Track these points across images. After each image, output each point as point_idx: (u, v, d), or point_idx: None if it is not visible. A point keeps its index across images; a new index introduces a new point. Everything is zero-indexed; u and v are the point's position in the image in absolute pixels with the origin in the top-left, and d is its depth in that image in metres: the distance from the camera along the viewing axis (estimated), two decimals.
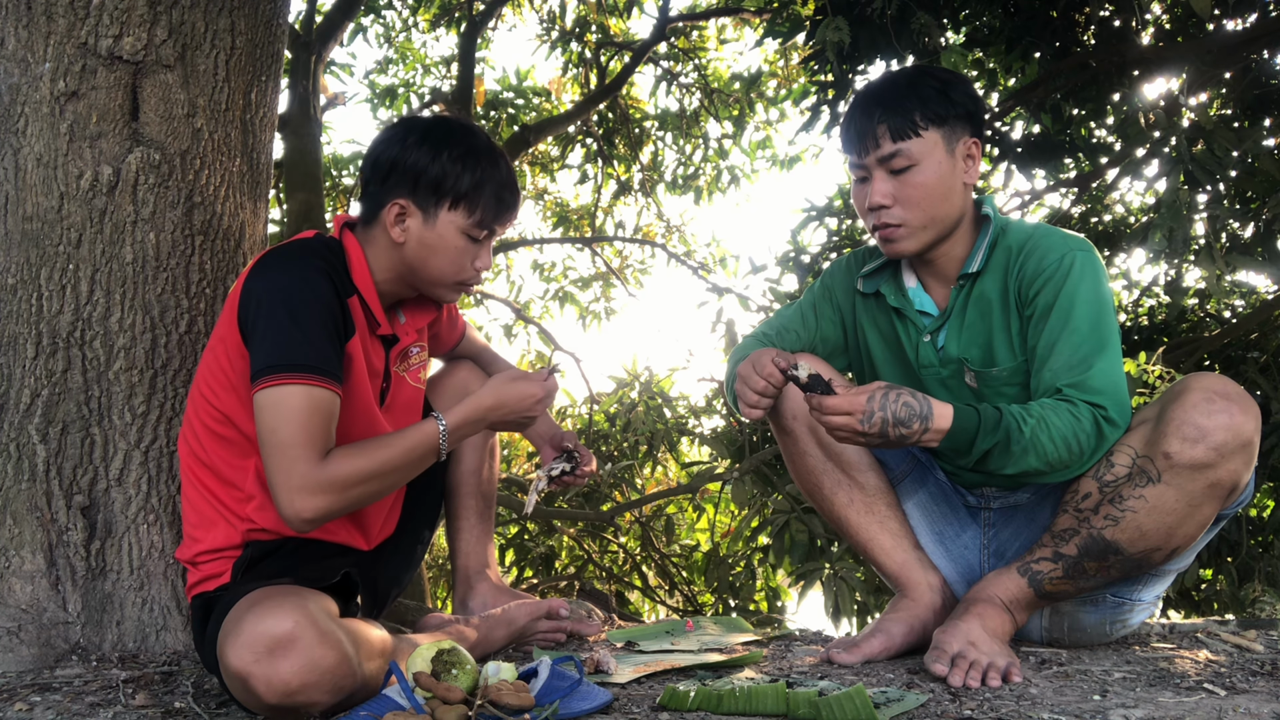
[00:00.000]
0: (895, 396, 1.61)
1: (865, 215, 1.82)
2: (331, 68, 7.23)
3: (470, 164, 1.71)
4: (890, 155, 1.74)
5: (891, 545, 1.90)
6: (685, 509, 6.73)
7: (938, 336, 1.86)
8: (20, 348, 1.88)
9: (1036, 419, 1.62)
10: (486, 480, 2.11)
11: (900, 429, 1.61)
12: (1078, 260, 1.72)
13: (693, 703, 1.46)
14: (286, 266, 1.63)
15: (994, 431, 1.61)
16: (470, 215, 1.72)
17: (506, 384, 1.70)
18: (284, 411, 1.52)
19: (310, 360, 1.55)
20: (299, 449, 1.51)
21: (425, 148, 1.70)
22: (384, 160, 1.72)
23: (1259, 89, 3.82)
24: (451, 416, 1.65)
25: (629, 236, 8.52)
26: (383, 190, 1.72)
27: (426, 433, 1.62)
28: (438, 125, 1.75)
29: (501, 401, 1.69)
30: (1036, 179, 4.52)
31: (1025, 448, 1.62)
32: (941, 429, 1.62)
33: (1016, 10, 4.00)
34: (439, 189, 1.70)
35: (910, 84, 1.77)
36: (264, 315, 1.57)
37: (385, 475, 1.59)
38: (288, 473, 1.51)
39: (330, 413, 1.56)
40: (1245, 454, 1.59)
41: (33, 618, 1.79)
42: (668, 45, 7.39)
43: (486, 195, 1.72)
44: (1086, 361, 1.67)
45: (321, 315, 1.59)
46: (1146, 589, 1.79)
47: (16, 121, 1.91)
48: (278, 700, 1.37)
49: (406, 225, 1.72)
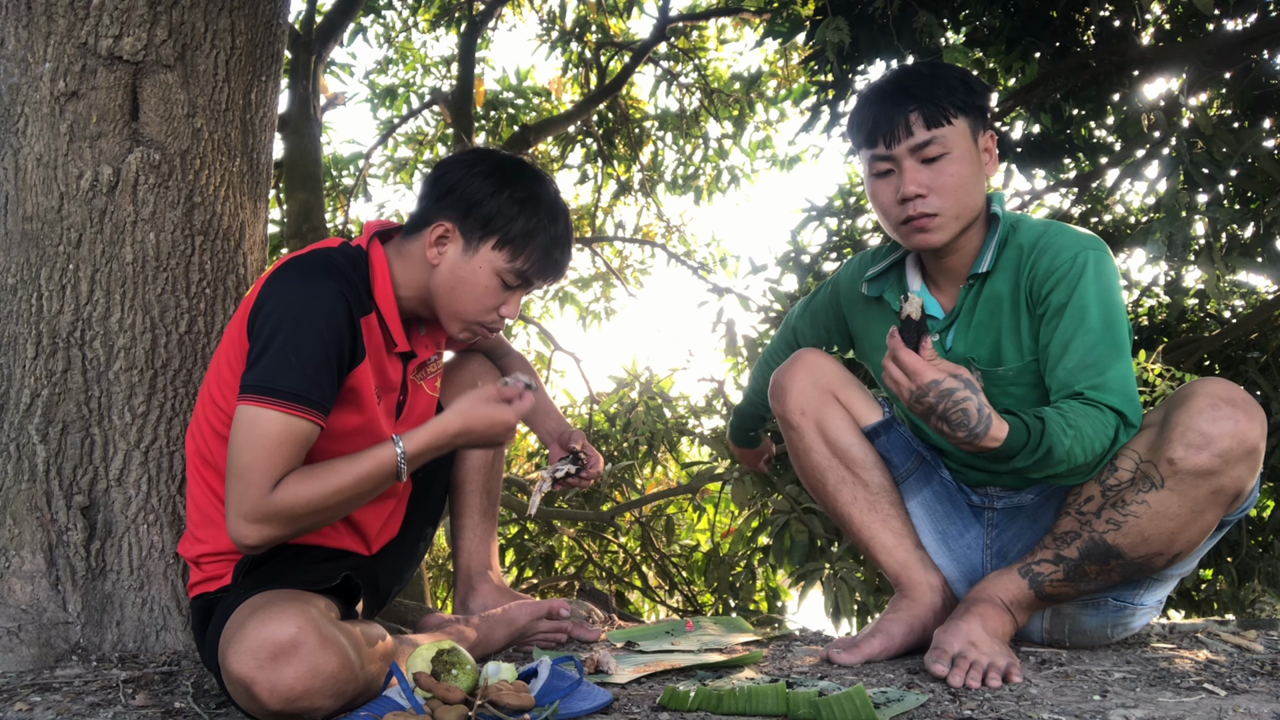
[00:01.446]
0: (961, 399, 1.53)
1: (891, 208, 1.77)
2: (331, 68, 7.23)
3: (529, 210, 1.68)
4: (925, 143, 1.72)
5: (893, 544, 1.90)
6: (685, 509, 6.73)
7: (945, 337, 1.85)
8: (20, 348, 1.88)
9: (1075, 432, 1.59)
10: (492, 478, 2.10)
11: (943, 424, 1.56)
12: (1091, 259, 1.70)
13: (693, 703, 1.46)
14: (303, 282, 1.58)
15: (1036, 452, 1.58)
16: (512, 260, 1.69)
17: (475, 407, 1.61)
18: (256, 435, 1.50)
19: (298, 388, 1.52)
20: (258, 475, 1.49)
21: (490, 180, 1.68)
22: (446, 180, 1.70)
23: (1259, 89, 3.82)
24: (412, 441, 1.57)
25: (629, 236, 8.53)
26: (434, 208, 1.70)
27: (382, 459, 1.55)
28: (510, 164, 1.72)
29: (469, 427, 1.61)
30: (1036, 179, 4.52)
31: (1060, 459, 1.60)
32: (986, 448, 1.58)
33: (1016, 10, 4.00)
34: (488, 224, 1.67)
35: (934, 74, 1.75)
36: (269, 330, 1.55)
37: (336, 504, 1.54)
38: (240, 496, 1.50)
39: (305, 442, 1.54)
40: (1250, 461, 1.58)
41: (33, 618, 1.79)
42: (668, 45, 7.39)
43: (535, 246, 1.69)
44: (1103, 363, 1.65)
45: (325, 340, 1.55)
46: (1148, 593, 1.79)
47: (16, 121, 1.91)
48: (281, 706, 1.37)
49: (445, 250, 1.69)
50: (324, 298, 1.57)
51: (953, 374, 1.55)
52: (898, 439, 1.96)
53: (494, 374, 2.08)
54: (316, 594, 1.54)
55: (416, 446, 1.58)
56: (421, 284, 1.72)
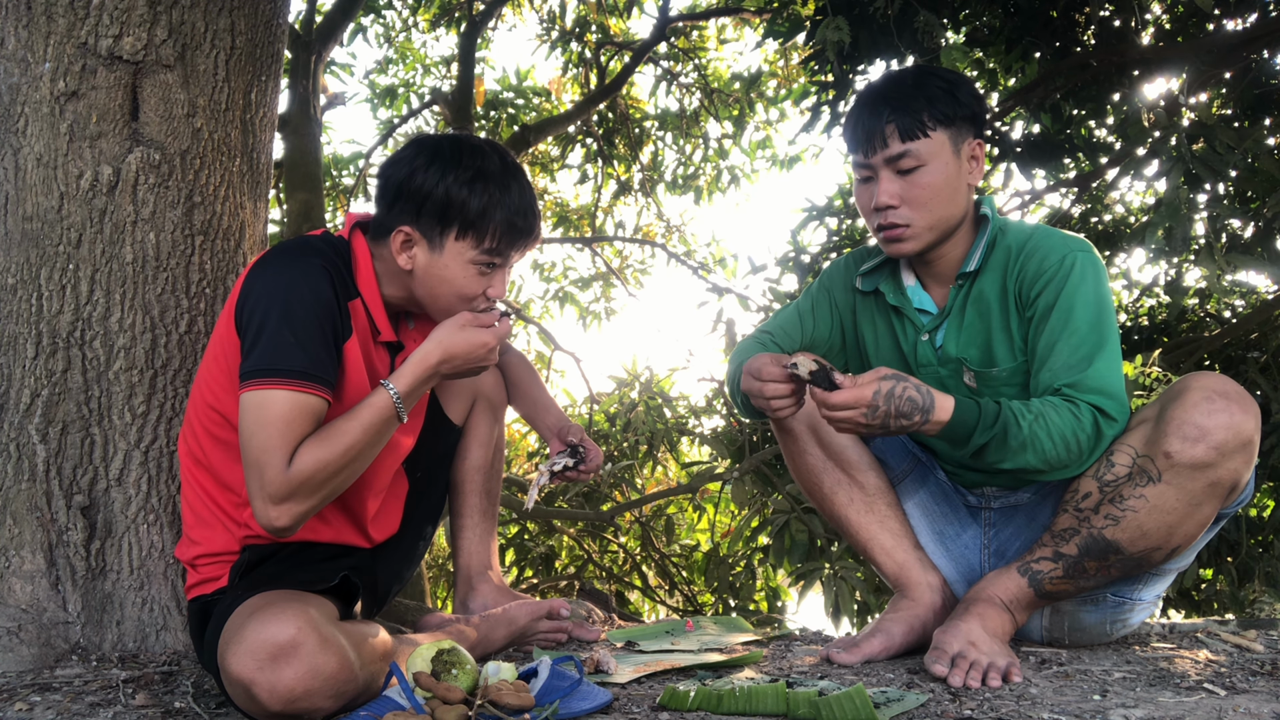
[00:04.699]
0: (901, 390, 1.61)
1: (869, 215, 1.81)
2: (331, 68, 7.23)
3: (478, 189, 1.61)
4: (899, 155, 1.74)
5: (892, 545, 1.90)
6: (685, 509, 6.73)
7: (936, 335, 1.86)
8: (20, 348, 1.88)
9: (1035, 415, 1.63)
10: (492, 478, 2.10)
11: (901, 420, 1.61)
12: (1079, 261, 1.72)
13: (693, 703, 1.46)
14: (285, 264, 1.59)
15: (992, 426, 1.62)
16: (479, 244, 1.64)
17: (454, 333, 1.60)
18: (266, 415, 1.49)
19: (300, 365, 1.51)
20: (275, 454, 1.48)
21: (432, 171, 1.61)
22: (392, 182, 1.65)
23: (1259, 89, 3.82)
24: (400, 380, 1.57)
25: (629, 236, 8.53)
26: (390, 214, 1.65)
27: (379, 405, 1.55)
28: (447, 146, 1.65)
29: (450, 353, 1.60)
30: (1036, 179, 4.52)
31: (1023, 443, 1.62)
32: (941, 421, 1.62)
33: (1016, 10, 4.00)
34: (444, 216, 1.61)
35: (917, 83, 1.76)
36: (259, 315, 1.54)
37: (351, 460, 1.54)
38: (261, 480, 1.49)
39: (316, 418, 1.53)
40: (1245, 453, 1.59)
41: (33, 618, 1.79)
42: (668, 45, 7.39)
43: (496, 223, 1.63)
44: (1086, 361, 1.67)
45: (318, 315, 1.55)
46: (1147, 588, 1.79)
47: (16, 121, 1.91)
48: (281, 707, 1.36)
49: (414, 253, 1.65)
50: (309, 274, 1.56)
51: (878, 377, 1.61)
52: (892, 440, 1.96)
53: (492, 371, 2.08)
54: (315, 594, 1.54)
55: (405, 384, 1.58)
56: (403, 287, 1.70)
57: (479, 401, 2.07)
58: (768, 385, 1.72)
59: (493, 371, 2.07)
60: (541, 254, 8.79)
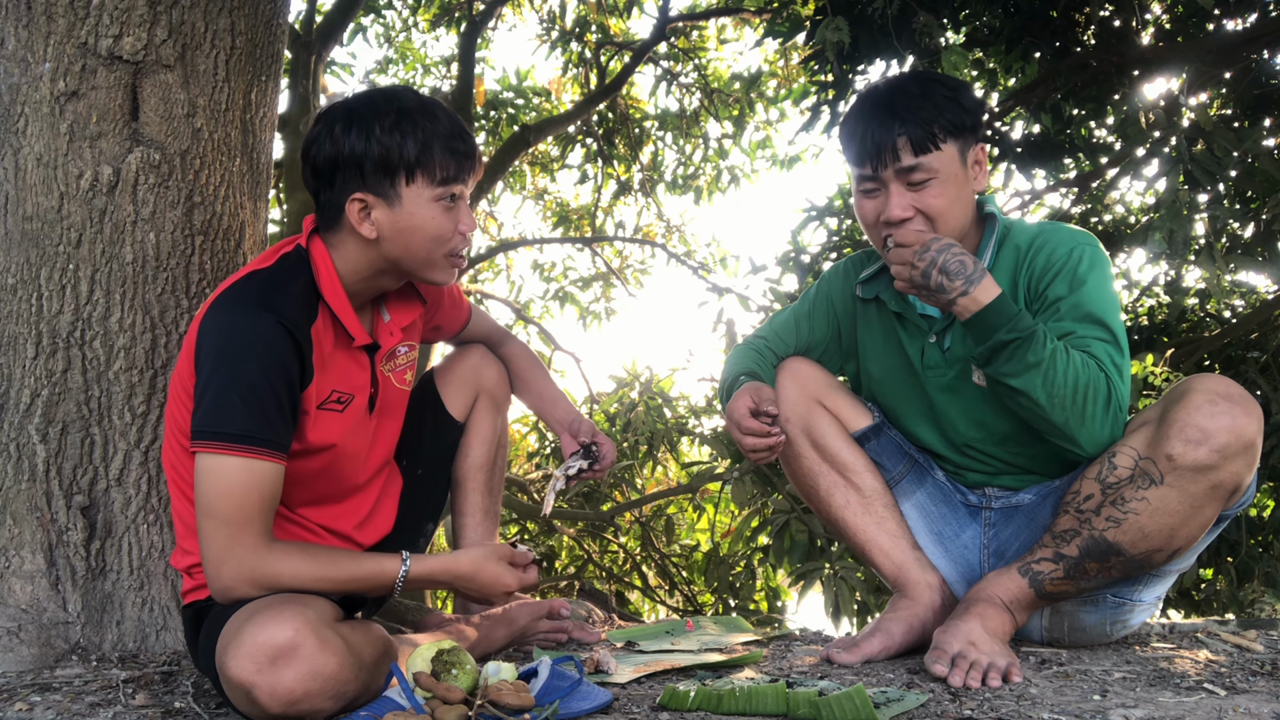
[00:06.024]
0: (958, 251, 1.65)
1: (873, 227, 1.79)
2: (331, 68, 7.23)
3: (406, 127, 1.59)
4: (911, 168, 1.72)
5: (890, 546, 1.90)
6: (685, 509, 6.73)
7: (944, 337, 1.85)
8: (20, 348, 1.88)
9: (1062, 346, 1.64)
10: (495, 476, 2.09)
11: (943, 277, 1.63)
12: (1086, 253, 1.74)
13: (693, 703, 1.46)
14: (239, 314, 1.54)
15: (1021, 330, 1.62)
16: (431, 180, 1.61)
17: (488, 561, 1.62)
18: (221, 485, 1.48)
19: (251, 429, 1.49)
20: (235, 527, 1.48)
21: (355, 131, 1.59)
22: (322, 159, 1.62)
23: (1259, 89, 3.82)
24: (420, 566, 1.59)
25: (629, 236, 8.53)
26: (334, 192, 1.63)
27: (384, 571, 1.57)
28: (357, 104, 1.63)
29: (475, 576, 1.62)
30: (1036, 179, 4.52)
31: (1040, 362, 1.61)
32: (979, 299, 1.63)
33: (1016, 10, 4.00)
34: (389, 168, 1.59)
35: (923, 92, 1.74)
36: (209, 366, 1.51)
37: (322, 589, 1.54)
38: (224, 550, 1.49)
39: (272, 486, 1.52)
40: (1248, 456, 1.59)
41: (33, 618, 1.79)
42: (668, 45, 7.39)
43: (437, 152, 1.60)
44: (1094, 346, 1.68)
45: (271, 373, 1.51)
46: (1147, 589, 1.79)
47: (16, 121, 1.91)
48: (281, 709, 1.36)
49: (374, 218, 1.62)
50: (263, 332, 1.52)
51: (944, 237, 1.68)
52: (888, 443, 1.96)
53: (494, 365, 2.07)
54: (313, 596, 1.54)
55: (421, 572, 1.59)
56: (372, 262, 1.66)
57: (481, 398, 2.05)
58: (745, 439, 1.74)
59: (496, 366, 2.06)
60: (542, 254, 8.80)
